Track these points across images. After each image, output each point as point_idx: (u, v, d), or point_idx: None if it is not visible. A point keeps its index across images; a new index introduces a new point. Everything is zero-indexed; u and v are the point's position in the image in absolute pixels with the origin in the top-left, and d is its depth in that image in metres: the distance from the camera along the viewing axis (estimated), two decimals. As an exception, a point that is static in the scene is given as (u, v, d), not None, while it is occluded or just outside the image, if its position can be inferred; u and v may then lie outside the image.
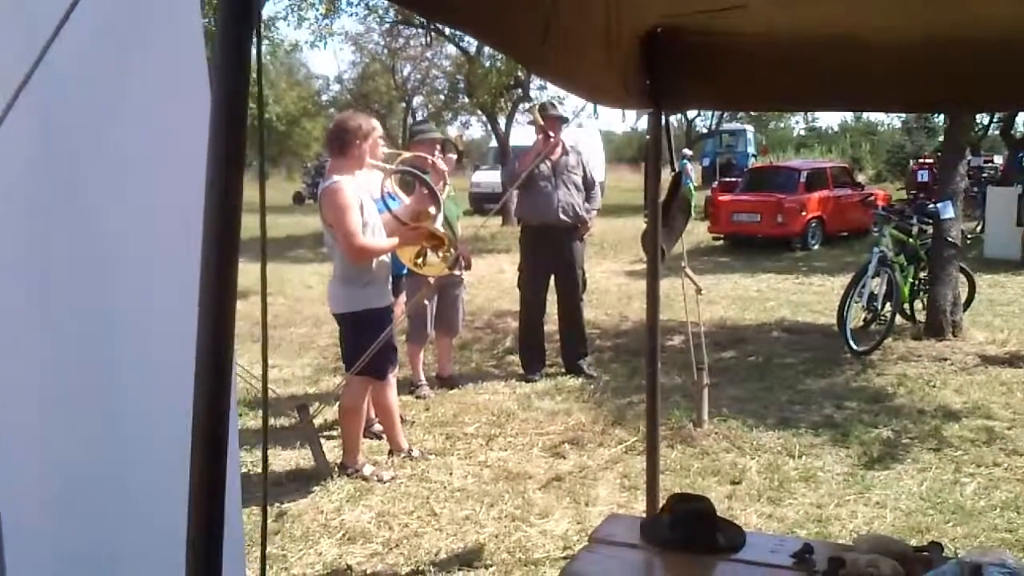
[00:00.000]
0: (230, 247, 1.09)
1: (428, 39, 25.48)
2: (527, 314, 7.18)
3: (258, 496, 4.57)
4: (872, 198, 12.04)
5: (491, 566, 3.89)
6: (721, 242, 16.51)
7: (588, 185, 7.07)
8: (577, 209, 6.90)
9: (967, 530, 4.14)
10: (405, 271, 5.65)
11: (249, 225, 1.11)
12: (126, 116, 2.04)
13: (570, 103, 16.58)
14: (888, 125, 47.28)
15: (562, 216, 6.83)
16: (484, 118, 24.74)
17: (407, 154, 5.57)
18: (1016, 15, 2.22)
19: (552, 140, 6.73)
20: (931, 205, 8.36)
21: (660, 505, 3.10)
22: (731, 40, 2.68)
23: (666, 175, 3.91)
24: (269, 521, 4.34)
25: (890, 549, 2.46)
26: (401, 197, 5.34)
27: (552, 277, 7.07)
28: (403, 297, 6.04)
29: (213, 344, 1.10)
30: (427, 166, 5.36)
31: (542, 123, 6.79)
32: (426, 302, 6.25)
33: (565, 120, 7.02)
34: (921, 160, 25.93)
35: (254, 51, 1.11)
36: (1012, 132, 17.47)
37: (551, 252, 6.95)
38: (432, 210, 5.07)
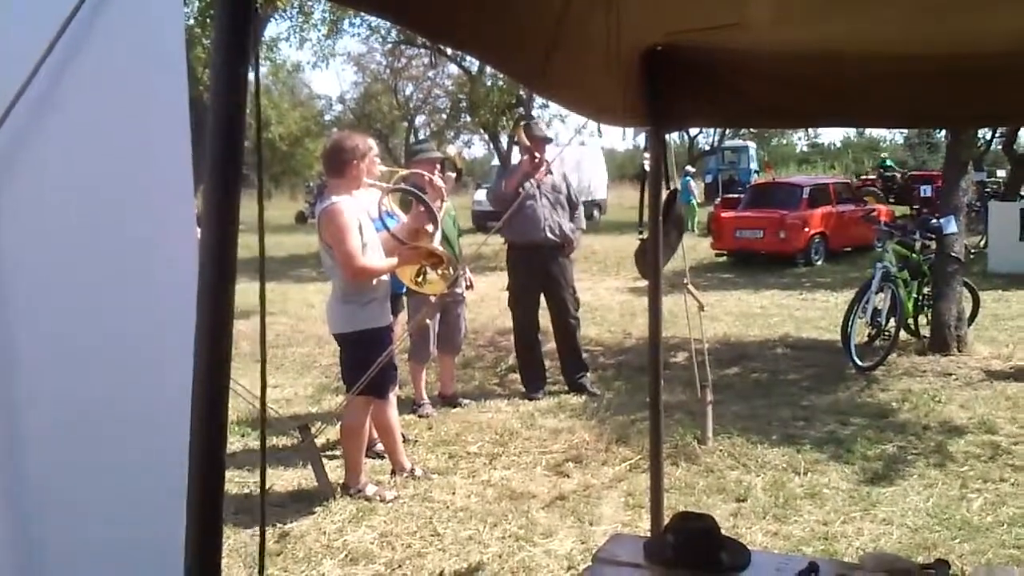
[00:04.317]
0: (228, 266, 1.09)
1: (430, 59, 25.68)
2: (520, 333, 7.15)
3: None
4: (875, 213, 12.04)
5: (494, 586, 3.87)
6: (724, 258, 16.53)
7: (572, 205, 7.07)
8: (564, 228, 6.90)
9: (974, 546, 4.10)
10: (403, 289, 5.64)
11: (249, 244, 1.10)
12: (100, 123, 2.02)
13: (572, 120, 16.65)
14: (891, 141, 47.56)
15: (549, 235, 6.83)
16: (486, 137, 24.87)
17: (404, 172, 5.57)
18: (1018, 29, 2.21)
19: (538, 161, 6.74)
20: (934, 220, 8.36)
21: (664, 524, 3.07)
22: (729, 58, 2.67)
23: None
24: (271, 543, 4.31)
25: (896, 567, 2.43)
26: (399, 215, 5.33)
27: (543, 296, 7.07)
28: (403, 315, 6.02)
29: (209, 364, 1.10)
30: (424, 184, 5.36)
31: (528, 143, 6.80)
32: (428, 321, 6.24)
33: (550, 140, 7.04)
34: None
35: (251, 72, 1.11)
36: (1015, 147, 17.47)
37: (540, 271, 6.94)
38: (429, 228, 5.07)
